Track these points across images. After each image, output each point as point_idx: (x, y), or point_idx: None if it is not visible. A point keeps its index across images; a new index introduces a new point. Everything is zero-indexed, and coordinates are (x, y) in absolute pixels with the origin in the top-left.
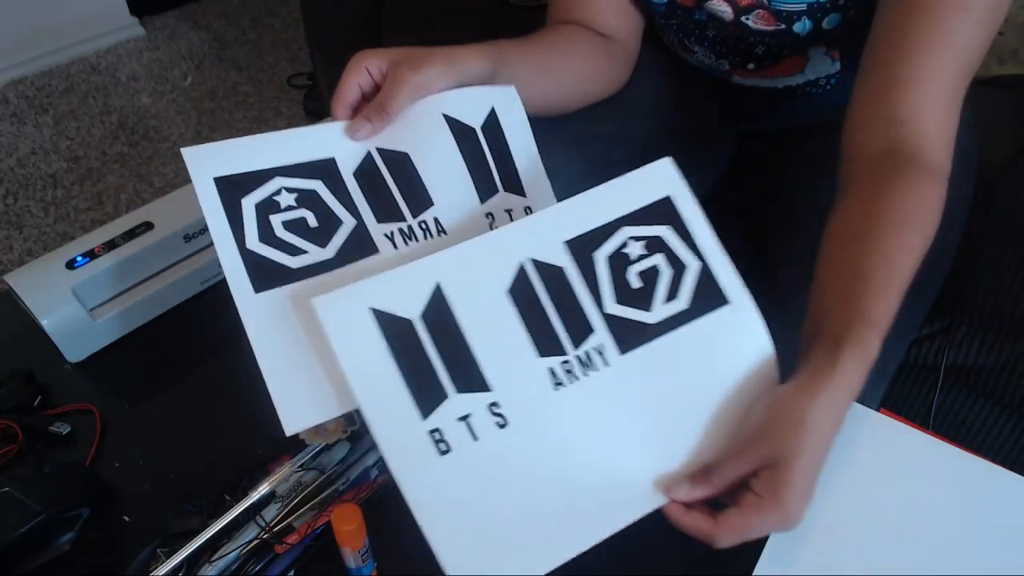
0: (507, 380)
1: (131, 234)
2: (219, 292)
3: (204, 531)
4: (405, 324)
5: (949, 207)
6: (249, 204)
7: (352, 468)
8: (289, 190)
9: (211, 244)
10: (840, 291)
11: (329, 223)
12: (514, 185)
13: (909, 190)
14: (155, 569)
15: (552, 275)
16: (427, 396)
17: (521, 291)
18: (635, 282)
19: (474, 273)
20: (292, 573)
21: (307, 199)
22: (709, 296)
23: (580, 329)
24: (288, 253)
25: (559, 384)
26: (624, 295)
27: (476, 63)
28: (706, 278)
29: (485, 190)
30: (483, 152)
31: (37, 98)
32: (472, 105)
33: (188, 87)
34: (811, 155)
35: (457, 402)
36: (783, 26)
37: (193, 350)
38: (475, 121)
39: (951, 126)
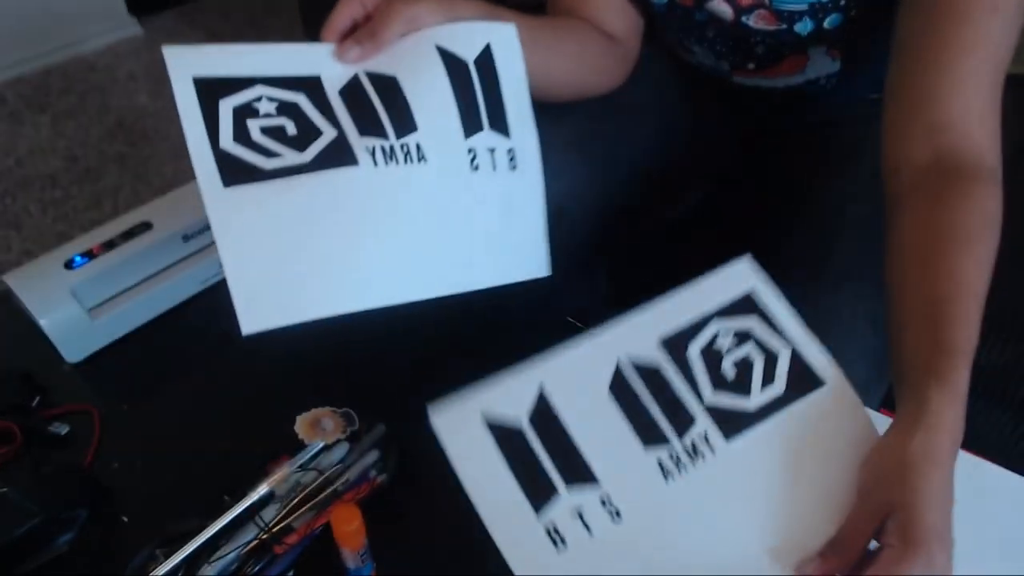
0: (616, 473)
1: (130, 234)
2: (218, 292)
3: (203, 532)
4: (514, 427)
5: None
6: (227, 106)
7: (351, 468)
8: (270, 99)
9: (210, 244)
10: (918, 323)
11: (309, 132)
12: (500, 124)
13: (967, 202)
14: (154, 570)
15: (649, 373)
16: (539, 493)
17: (621, 389)
18: (730, 372)
19: (574, 374)
20: (291, 573)
21: (288, 109)
22: (804, 379)
23: (682, 420)
24: (262, 155)
25: (668, 475)
26: (721, 384)
27: (469, 11)
28: (798, 362)
29: (470, 125)
30: (473, 86)
31: (35, 97)
32: (467, 39)
33: None
34: (812, 154)
35: (568, 497)
36: (784, 26)
37: (192, 350)
38: (468, 55)
39: (994, 127)
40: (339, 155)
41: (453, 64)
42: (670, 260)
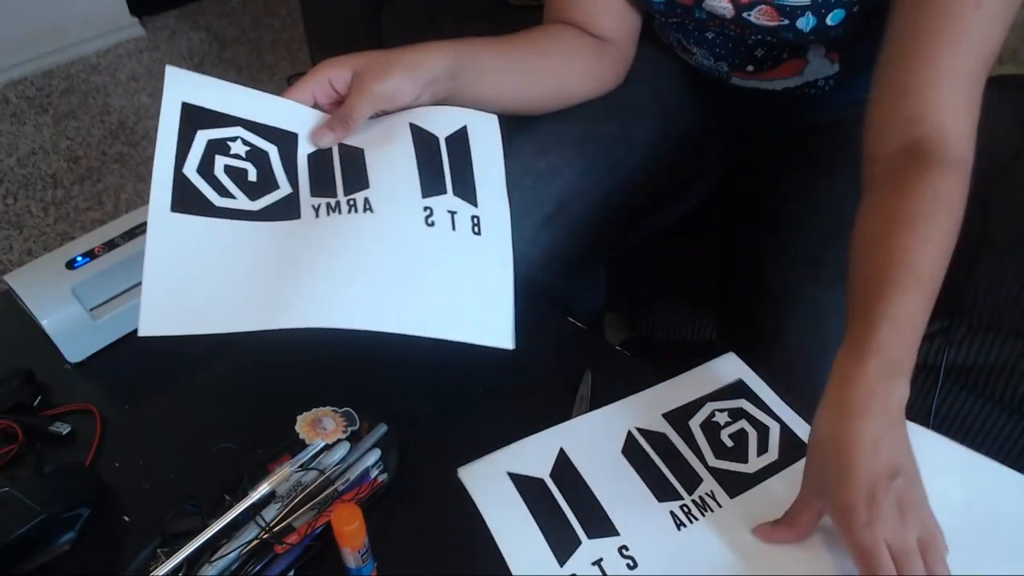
0: (633, 524)
1: (131, 234)
2: None
3: (204, 531)
4: (538, 482)
5: None
6: (203, 137)
7: (352, 468)
8: (245, 142)
9: None
10: (855, 300)
11: (267, 183)
12: (467, 194)
13: (918, 187)
14: (155, 569)
15: (657, 439)
16: (562, 544)
17: (633, 451)
18: (728, 442)
19: (591, 438)
20: (292, 573)
21: (257, 157)
22: (794, 447)
23: (690, 479)
24: (217, 192)
25: (681, 525)
26: (721, 452)
27: (438, 62)
28: (787, 434)
29: (431, 187)
30: (440, 158)
31: (37, 98)
32: (444, 120)
33: None
34: (810, 155)
35: (590, 547)
36: (786, 21)
37: (193, 350)
38: (441, 132)
39: (971, 120)
40: (286, 210)
41: (422, 137)
42: (669, 259)
